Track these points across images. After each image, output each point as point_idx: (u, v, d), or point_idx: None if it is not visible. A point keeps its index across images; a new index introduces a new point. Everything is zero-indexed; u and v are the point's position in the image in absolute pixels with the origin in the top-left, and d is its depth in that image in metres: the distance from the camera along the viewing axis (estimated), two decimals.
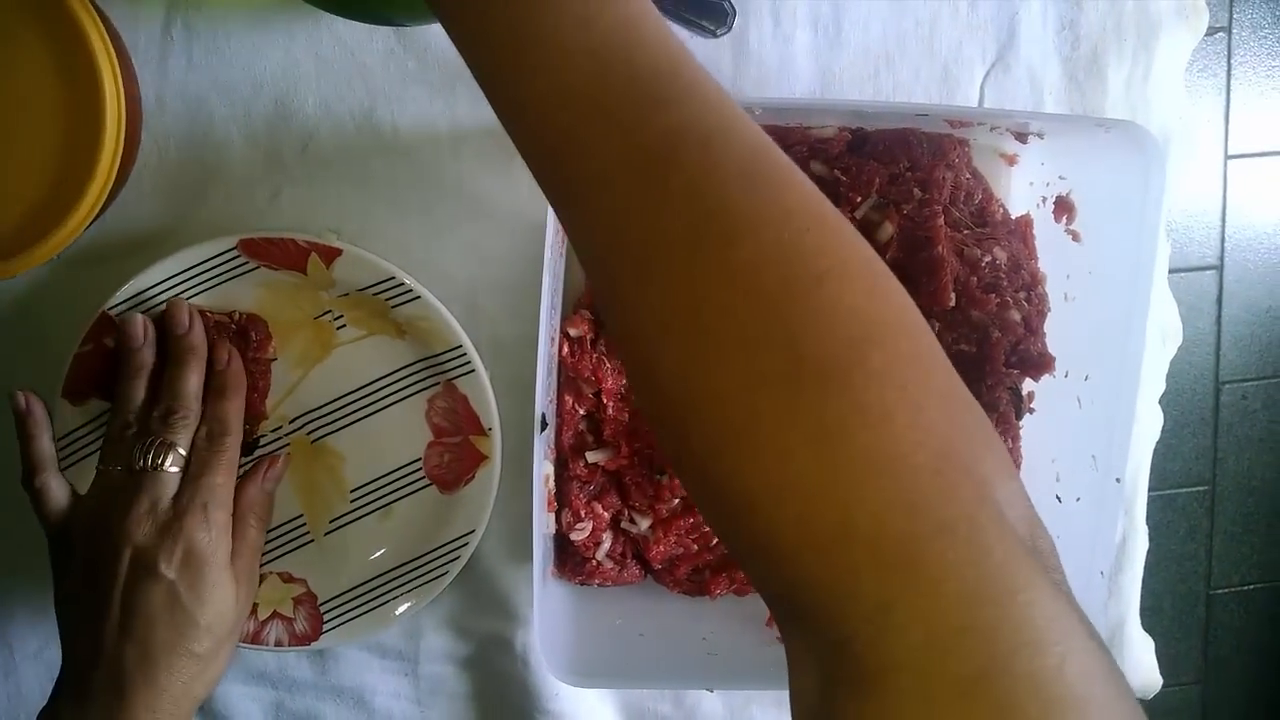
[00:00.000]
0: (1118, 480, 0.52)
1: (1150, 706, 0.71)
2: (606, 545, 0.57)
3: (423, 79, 0.55)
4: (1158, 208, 0.51)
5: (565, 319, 0.55)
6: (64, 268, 0.55)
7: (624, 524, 0.57)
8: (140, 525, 0.49)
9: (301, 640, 0.58)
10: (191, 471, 0.52)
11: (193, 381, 0.53)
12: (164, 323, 0.54)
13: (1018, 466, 0.57)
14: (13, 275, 0.48)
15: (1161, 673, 0.63)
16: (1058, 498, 0.55)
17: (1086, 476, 0.54)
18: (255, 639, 0.58)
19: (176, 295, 0.54)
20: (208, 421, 0.53)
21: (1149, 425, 0.64)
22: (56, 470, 0.53)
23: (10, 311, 0.56)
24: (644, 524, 0.56)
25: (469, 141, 0.56)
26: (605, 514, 0.56)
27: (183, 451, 0.52)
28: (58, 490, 0.52)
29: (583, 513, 0.56)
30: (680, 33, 0.55)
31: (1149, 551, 0.66)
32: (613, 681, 0.55)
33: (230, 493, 0.52)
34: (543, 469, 0.52)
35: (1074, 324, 0.56)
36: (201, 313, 0.54)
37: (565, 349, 0.54)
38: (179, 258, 0.53)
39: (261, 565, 0.58)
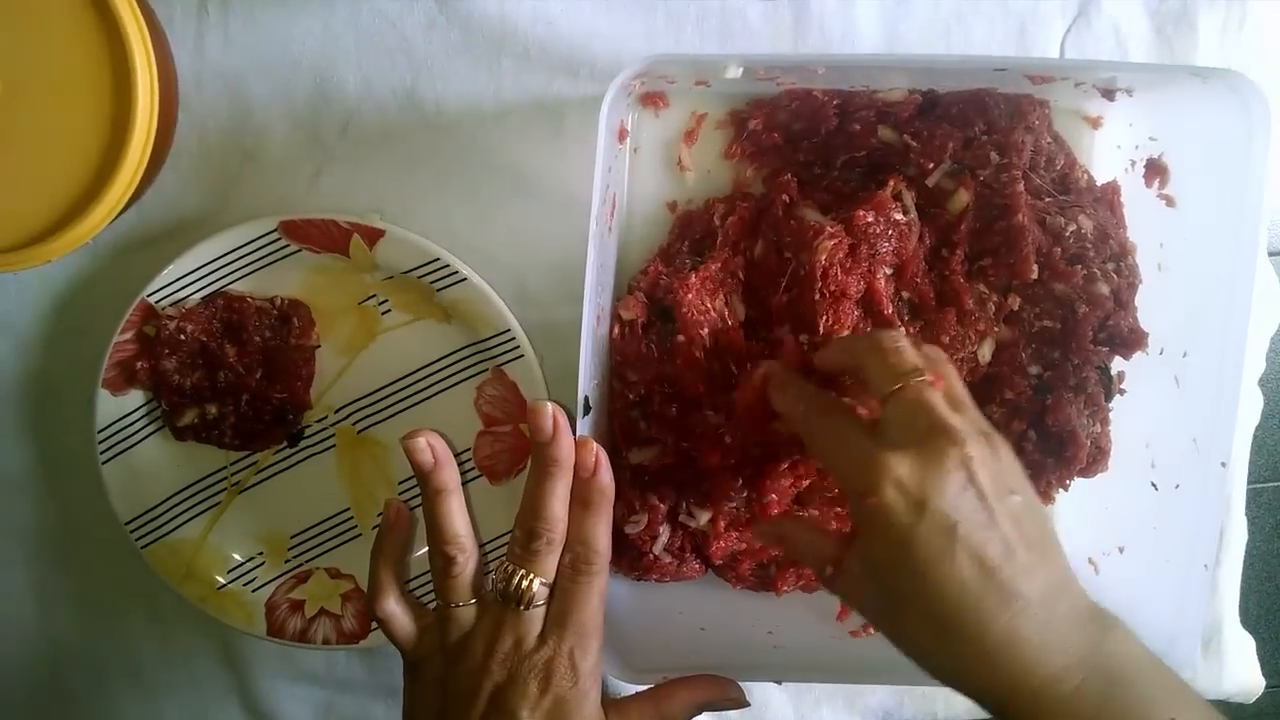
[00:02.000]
0: (1223, 464, 0.48)
1: (1244, 710, 0.66)
2: (664, 539, 0.54)
3: (466, 51, 0.52)
4: (1263, 165, 0.46)
5: (618, 299, 0.52)
6: (102, 254, 0.54)
7: (682, 517, 0.54)
8: (504, 663, 0.46)
9: (350, 638, 0.56)
10: (556, 608, 0.46)
11: (559, 498, 0.47)
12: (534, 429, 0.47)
13: (1107, 453, 0.52)
14: (49, 260, 0.46)
15: None
16: (1154, 485, 0.51)
17: (1186, 461, 0.49)
18: (302, 637, 0.56)
19: (217, 280, 0.52)
20: (571, 545, 0.47)
21: (1248, 408, 0.60)
22: (399, 594, 0.49)
23: (50, 299, 0.55)
24: (703, 518, 0.53)
25: (515, 116, 0.53)
26: (662, 506, 0.53)
27: (547, 584, 0.46)
28: (401, 617, 0.48)
29: (637, 504, 0.53)
30: None
31: None
32: (672, 676, 0.52)
33: (600, 627, 0.47)
34: None
35: (1169, 296, 0.51)
36: (243, 299, 0.53)
37: (616, 331, 0.52)
38: (218, 241, 0.52)
39: (308, 561, 0.56)
